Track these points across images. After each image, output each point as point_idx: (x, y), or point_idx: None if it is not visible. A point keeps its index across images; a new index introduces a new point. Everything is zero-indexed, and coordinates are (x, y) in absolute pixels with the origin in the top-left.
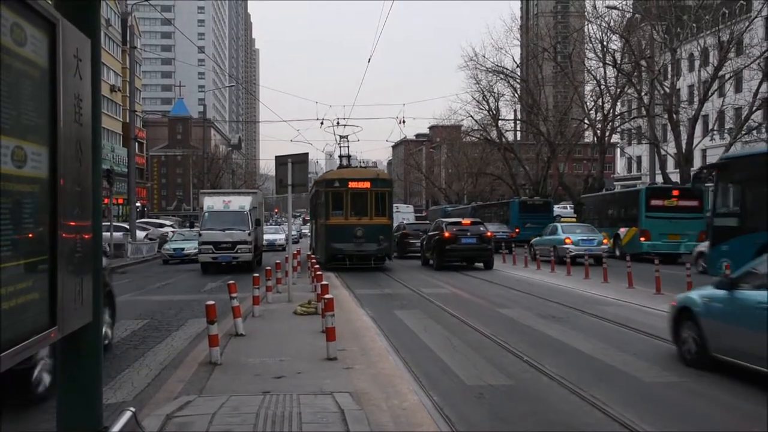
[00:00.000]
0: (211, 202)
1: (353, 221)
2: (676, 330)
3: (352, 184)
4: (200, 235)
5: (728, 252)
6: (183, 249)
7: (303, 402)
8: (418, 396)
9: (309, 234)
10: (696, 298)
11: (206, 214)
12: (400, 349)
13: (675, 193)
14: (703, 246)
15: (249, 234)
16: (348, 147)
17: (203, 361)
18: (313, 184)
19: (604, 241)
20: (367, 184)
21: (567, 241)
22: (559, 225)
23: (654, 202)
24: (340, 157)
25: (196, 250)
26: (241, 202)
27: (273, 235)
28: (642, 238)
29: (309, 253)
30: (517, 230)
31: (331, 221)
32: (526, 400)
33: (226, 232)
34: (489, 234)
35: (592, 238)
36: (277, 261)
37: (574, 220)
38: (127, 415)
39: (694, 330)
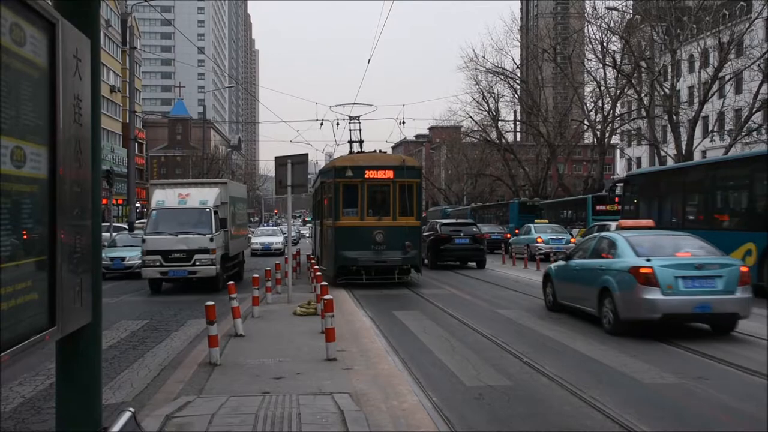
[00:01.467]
0: (162, 197)
1: (371, 222)
2: (544, 289)
3: (370, 173)
4: (144, 241)
5: None
6: (124, 259)
7: (302, 403)
8: (417, 397)
9: (310, 237)
10: (553, 267)
11: (153, 212)
12: (399, 349)
13: (616, 199)
14: None
15: (212, 239)
16: (360, 131)
17: (203, 362)
18: (317, 175)
19: (572, 240)
20: (390, 173)
21: (538, 240)
22: (532, 225)
23: (599, 207)
24: (350, 142)
25: (140, 261)
26: (203, 196)
27: (269, 237)
28: None
29: (309, 254)
30: (516, 231)
31: (341, 222)
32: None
33: (180, 236)
34: (482, 235)
35: (561, 237)
36: (276, 262)
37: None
38: (127, 415)
39: (550, 287)
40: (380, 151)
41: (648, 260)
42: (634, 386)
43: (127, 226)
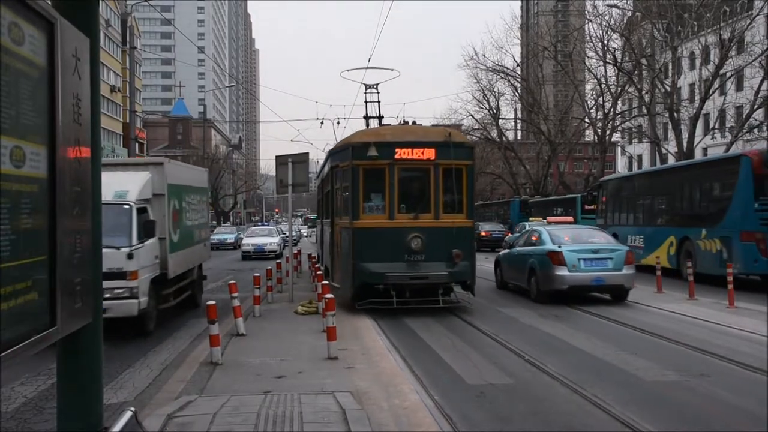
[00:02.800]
0: None
1: (405, 222)
2: (495, 272)
3: (402, 153)
4: None
5: None
6: None
7: (304, 402)
8: (419, 395)
9: (308, 236)
10: (501, 254)
11: None
12: (400, 348)
13: (603, 199)
14: None
15: (130, 256)
16: (379, 103)
17: (204, 361)
18: (325, 159)
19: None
20: (431, 153)
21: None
22: (527, 224)
23: (587, 207)
24: (366, 118)
25: None
26: (122, 185)
27: (263, 238)
28: None
29: (310, 253)
30: (517, 229)
31: (362, 222)
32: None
33: None
34: (482, 233)
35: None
36: (268, 268)
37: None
38: (128, 415)
39: (499, 271)
40: (414, 122)
41: (560, 247)
42: (636, 384)
43: None
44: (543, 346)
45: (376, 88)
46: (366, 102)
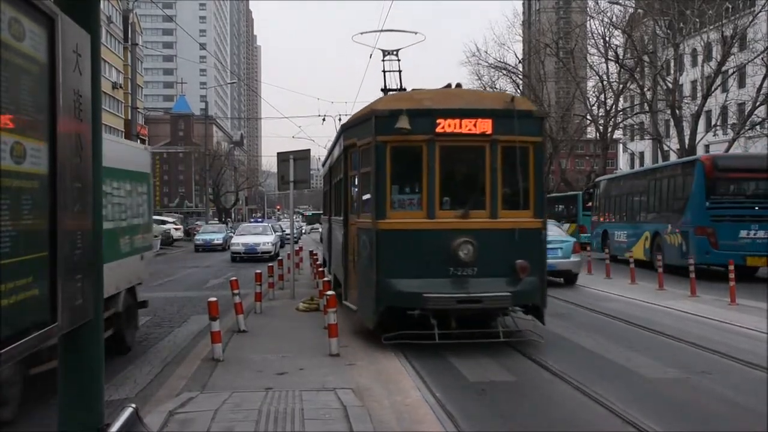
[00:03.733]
0: None
1: (448, 221)
2: None
3: (446, 125)
4: None
5: (594, 235)
6: None
7: (305, 398)
8: (420, 392)
9: (306, 233)
10: None
11: None
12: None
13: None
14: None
15: None
16: (400, 72)
17: (205, 358)
18: (337, 136)
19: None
20: (486, 125)
21: None
22: None
23: (588, 204)
24: (385, 90)
25: None
26: None
27: (255, 237)
28: (581, 233)
29: (312, 250)
30: None
31: (390, 222)
32: None
33: None
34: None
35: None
36: (269, 265)
37: None
38: (129, 411)
39: None
40: (458, 85)
41: None
42: (638, 381)
43: None
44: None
45: (397, 55)
46: (384, 72)
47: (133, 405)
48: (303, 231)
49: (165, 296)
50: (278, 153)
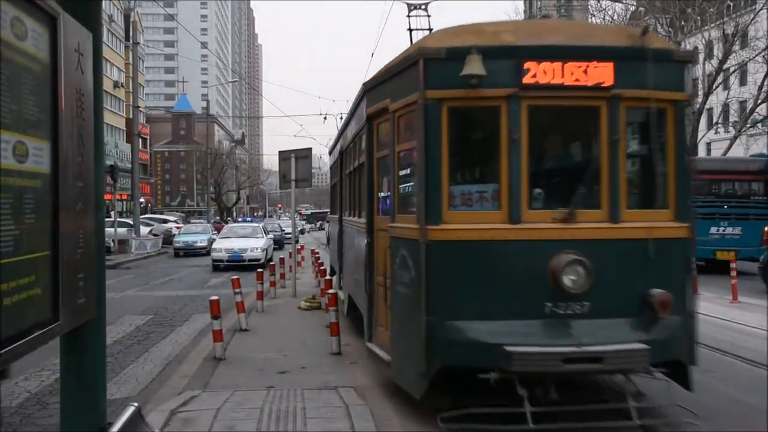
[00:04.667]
0: None
1: (542, 227)
2: None
3: (540, 72)
4: None
5: None
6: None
7: (307, 397)
8: None
9: (308, 232)
10: None
11: None
12: None
13: None
14: None
15: None
16: (431, 31)
17: (207, 357)
18: (355, 102)
19: None
20: (603, 73)
21: None
22: None
23: None
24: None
25: None
26: None
27: (241, 240)
28: None
29: (313, 248)
30: None
31: (446, 229)
32: None
33: None
34: None
35: None
36: (271, 263)
37: None
38: (131, 410)
39: None
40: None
41: None
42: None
43: (131, 222)
44: None
45: (426, 9)
46: (410, 30)
47: (135, 404)
48: (304, 230)
49: (167, 295)
50: (280, 152)
